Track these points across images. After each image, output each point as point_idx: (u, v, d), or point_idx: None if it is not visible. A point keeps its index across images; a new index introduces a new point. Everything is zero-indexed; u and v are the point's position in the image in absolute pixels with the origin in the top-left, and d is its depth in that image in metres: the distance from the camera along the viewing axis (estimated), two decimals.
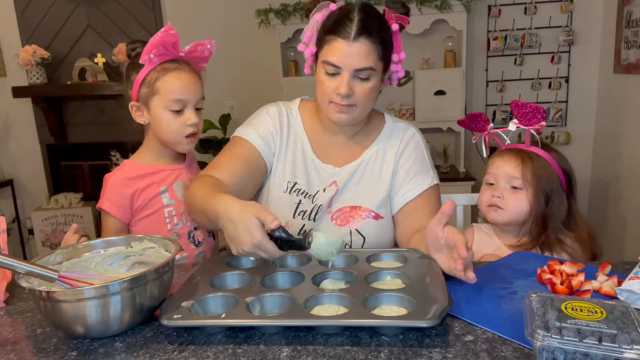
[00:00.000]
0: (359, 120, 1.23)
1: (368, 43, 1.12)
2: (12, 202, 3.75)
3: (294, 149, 1.29)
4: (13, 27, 3.57)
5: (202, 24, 3.46)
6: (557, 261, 0.98)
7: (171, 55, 1.26)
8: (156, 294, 0.86)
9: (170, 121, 1.26)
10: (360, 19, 1.12)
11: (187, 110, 1.26)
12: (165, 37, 1.22)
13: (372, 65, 1.14)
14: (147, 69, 1.25)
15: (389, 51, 1.19)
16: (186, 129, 1.27)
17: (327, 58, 1.14)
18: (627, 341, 0.62)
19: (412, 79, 3.36)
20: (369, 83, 1.16)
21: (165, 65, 1.25)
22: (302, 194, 1.27)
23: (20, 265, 0.82)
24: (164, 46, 1.23)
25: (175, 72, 1.25)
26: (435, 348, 0.74)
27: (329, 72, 1.15)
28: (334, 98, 1.16)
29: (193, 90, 1.27)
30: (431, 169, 1.30)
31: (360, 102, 1.17)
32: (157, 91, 1.25)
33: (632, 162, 2.80)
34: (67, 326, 0.82)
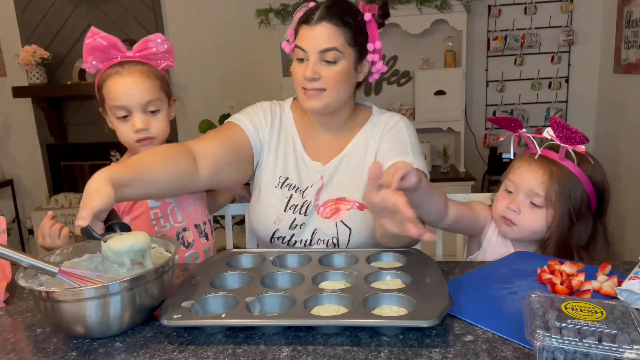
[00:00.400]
0: (332, 107, 1.23)
1: (330, 25, 1.16)
2: (12, 202, 3.76)
3: (285, 145, 1.31)
4: (13, 27, 3.57)
5: (202, 24, 3.46)
6: (557, 261, 0.98)
7: (118, 58, 1.22)
8: (156, 294, 0.86)
9: (120, 128, 1.24)
10: (324, 7, 1.17)
11: (133, 115, 1.22)
12: (93, 43, 1.18)
13: (337, 46, 1.16)
14: (97, 75, 1.23)
15: (361, 39, 1.20)
16: (134, 135, 1.23)
17: (296, 43, 1.20)
18: (627, 341, 0.62)
19: (412, 79, 3.37)
20: (336, 66, 1.17)
21: (107, 70, 1.22)
22: (293, 188, 1.28)
23: (22, 258, 0.83)
24: (99, 51, 1.20)
25: (114, 77, 1.21)
26: (435, 348, 0.74)
27: (298, 58, 1.20)
28: (303, 83, 1.20)
29: (135, 93, 1.21)
30: (412, 153, 1.21)
31: (329, 86, 1.18)
32: (103, 97, 1.24)
33: (632, 162, 2.80)
34: (67, 326, 0.82)
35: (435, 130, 3.27)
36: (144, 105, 1.23)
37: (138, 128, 1.22)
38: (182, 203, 1.31)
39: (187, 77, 3.55)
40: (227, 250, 1.16)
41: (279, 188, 1.28)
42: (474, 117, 3.39)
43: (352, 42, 1.18)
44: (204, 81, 3.51)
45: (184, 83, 3.57)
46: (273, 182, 1.29)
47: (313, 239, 1.25)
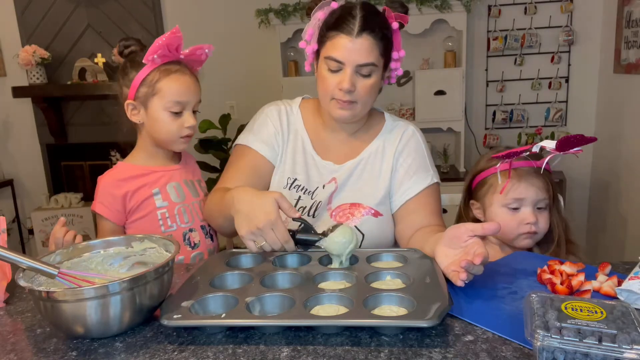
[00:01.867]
0: (360, 117, 1.24)
1: (370, 39, 1.14)
2: (12, 202, 3.76)
3: (294, 145, 1.31)
4: (13, 27, 3.57)
5: (202, 24, 3.46)
6: (557, 261, 0.98)
7: (172, 57, 1.27)
8: (156, 294, 0.86)
9: (168, 122, 1.26)
10: (362, 16, 1.14)
11: (185, 112, 1.27)
12: (172, 39, 1.23)
13: (374, 61, 1.15)
14: (149, 69, 1.25)
15: (390, 49, 1.21)
16: (184, 131, 1.28)
17: (330, 54, 1.16)
18: (627, 341, 0.62)
19: (412, 79, 3.37)
20: (370, 79, 1.17)
21: (167, 66, 1.25)
22: (302, 189, 1.28)
23: (21, 260, 0.83)
24: (168, 48, 1.24)
25: (178, 75, 1.26)
26: (435, 348, 0.74)
27: (332, 69, 1.17)
28: (336, 94, 1.17)
29: (193, 93, 1.28)
30: (431, 167, 1.30)
31: (362, 99, 1.18)
32: (158, 92, 1.25)
33: (632, 162, 2.80)
34: (67, 326, 0.82)
35: (435, 130, 3.27)
36: (195, 105, 1.30)
37: (191, 124, 1.28)
38: (188, 204, 1.33)
39: None
40: (227, 250, 1.16)
41: (287, 189, 1.28)
42: (474, 117, 3.39)
43: (384, 54, 1.18)
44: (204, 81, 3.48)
45: None
46: (282, 183, 1.29)
47: None
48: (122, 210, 1.27)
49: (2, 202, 3.77)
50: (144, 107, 1.27)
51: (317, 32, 1.21)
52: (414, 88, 3.26)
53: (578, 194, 3.32)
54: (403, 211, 1.26)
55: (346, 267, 1.00)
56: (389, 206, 1.28)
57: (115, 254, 1.00)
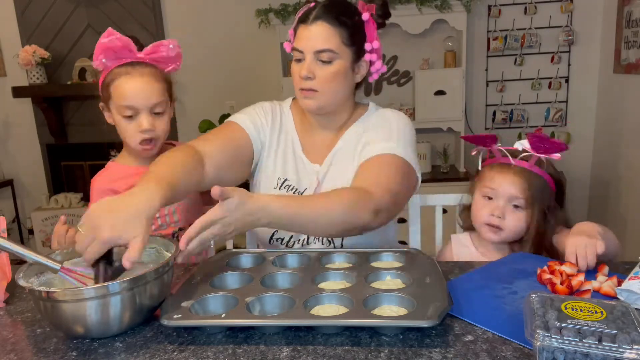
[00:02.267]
0: (329, 107, 1.22)
1: (326, 25, 1.16)
2: (12, 202, 3.76)
3: (285, 146, 1.31)
4: (13, 27, 3.57)
5: (202, 24, 3.46)
6: (557, 261, 0.98)
7: (127, 59, 1.23)
8: (156, 294, 0.86)
9: (124, 126, 1.25)
10: (321, 6, 1.17)
11: (140, 115, 1.24)
12: (109, 42, 1.20)
13: (331, 47, 1.16)
14: (105, 72, 1.24)
15: (358, 39, 1.20)
16: (139, 135, 1.24)
17: (293, 45, 1.20)
18: (627, 341, 0.62)
19: (412, 79, 3.37)
20: (331, 66, 1.17)
21: (117, 69, 1.23)
22: (292, 189, 1.27)
23: (26, 253, 0.84)
24: (112, 50, 1.21)
25: (125, 78, 1.22)
26: (435, 348, 0.74)
27: (296, 58, 1.20)
28: (300, 83, 1.20)
29: (144, 95, 1.23)
30: (396, 140, 1.19)
31: (324, 86, 1.18)
32: (111, 95, 1.24)
33: (632, 162, 2.80)
34: (67, 326, 0.82)
35: (435, 130, 3.27)
36: (151, 107, 1.25)
37: (145, 128, 1.24)
38: (179, 204, 1.31)
39: (187, 77, 3.54)
40: (227, 250, 1.16)
41: (278, 189, 1.28)
42: (474, 117, 3.39)
43: (348, 42, 1.18)
44: (204, 81, 3.51)
45: (184, 83, 3.57)
46: (272, 184, 1.29)
47: (310, 238, 1.25)
48: None
49: (2, 202, 3.77)
50: (109, 110, 1.28)
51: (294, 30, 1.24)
52: (414, 88, 3.26)
53: (578, 194, 3.32)
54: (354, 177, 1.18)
55: (346, 267, 0.99)
56: None
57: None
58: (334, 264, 1.03)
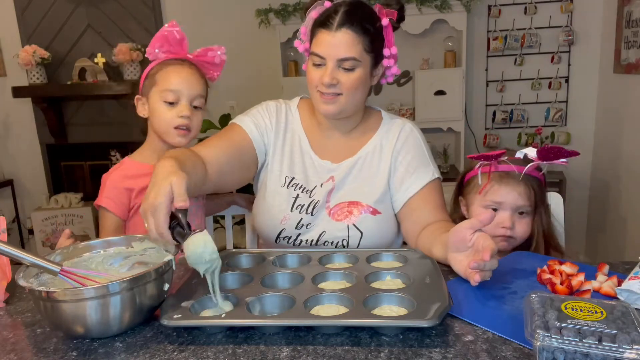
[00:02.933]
0: (347, 112, 1.24)
1: (350, 33, 1.15)
2: (12, 202, 3.76)
3: (292, 144, 1.31)
4: (13, 27, 3.57)
5: (202, 24, 3.46)
6: (557, 261, 0.98)
7: (177, 55, 1.29)
8: (156, 294, 0.86)
9: (163, 112, 1.28)
10: (344, 11, 1.16)
11: (180, 103, 1.28)
12: (169, 33, 1.25)
13: (356, 55, 1.16)
14: (154, 63, 1.30)
15: (378, 44, 1.20)
16: (176, 120, 1.27)
17: (313, 49, 1.19)
18: (627, 341, 0.62)
19: (412, 79, 3.37)
20: (353, 74, 1.17)
21: (168, 61, 1.29)
22: (300, 188, 1.28)
23: (25, 256, 0.83)
24: (168, 42, 1.26)
25: (176, 67, 1.29)
26: (435, 348, 0.74)
27: (316, 63, 1.19)
28: (320, 88, 1.19)
29: (189, 84, 1.28)
30: (431, 162, 1.30)
31: (346, 92, 1.18)
32: (155, 82, 1.29)
33: (632, 162, 2.80)
34: (67, 326, 0.82)
35: (435, 130, 3.27)
36: (192, 98, 1.29)
37: (185, 114, 1.27)
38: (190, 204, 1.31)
39: None
40: (227, 250, 1.16)
41: (285, 188, 1.28)
42: (474, 117, 3.39)
43: (369, 49, 1.18)
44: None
45: None
46: (279, 182, 1.29)
47: (320, 239, 1.25)
48: (127, 205, 1.28)
49: (2, 202, 3.77)
50: (147, 100, 1.31)
51: (309, 31, 1.23)
52: (414, 88, 3.27)
53: (578, 194, 3.33)
54: (406, 209, 1.26)
55: (346, 267, 1.00)
56: (389, 204, 1.27)
57: (115, 254, 1.00)
58: (334, 264, 1.03)
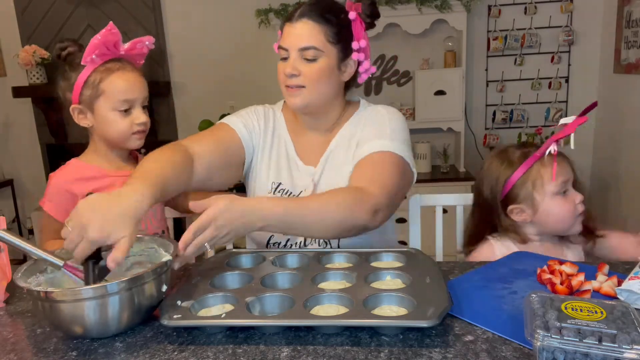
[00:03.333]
0: (314, 105, 1.22)
1: (310, 22, 1.16)
2: (12, 202, 3.76)
3: (278, 150, 1.30)
4: (13, 27, 3.57)
5: (202, 24, 3.46)
6: (557, 261, 0.98)
7: (112, 55, 1.23)
8: (154, 294, 0.86)
9: (118, 122, 1.24)
10: (306, 4, 1.17)
11: (134, 109, 1.25)
12: (107, 36, 1.19)
13: (316, 45, 1.16)
14: (89, 70, 1.21)
15: (344, 37, 1.19)
16: (134, 127, 1.25)
17: (279, 44, 1.21)
18: (627, 341, 0.62)
19: (412, 79, 3.37)
20: (316, 64, 1.17)
21: (107, 65, 1.22)
22: (287, 193, 1.27)
23: (31, 249, 0.85)
24: (105, 46, 1.20)
25: (120, 72, 1.22)
26: (435, 348, 0.74)
27: (282, 57, 1.21)
28: (285, 81, 1.20)
29: (139, 89, 1.25)
30: (390, 137, 1.18)
31: (309, 83, 1.18)
32: (102, 92, 1.22)
33: (632, 162, 2.80)
34: (66, 326, 0.82)
35: (435, 130, 3.27)
36: (143, 101, 1.27)
37: (142, 121, 1.25)
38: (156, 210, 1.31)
39: (187, 76, 3.55)
40: (227, 250, 1.16)
41: (272, 194, 1.27)
42: (474, 117, 3.39)
43: (334, 40, 1.17)
44: (204, 81, 3.51)
45: (184, 83, 3.57)
46: (266, 188, 1.28)
47: (307, 241, 1.24)
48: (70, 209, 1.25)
49: (2, 202, 3.77)
50: (90, 110, 1.25)
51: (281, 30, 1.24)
52: (414, 88, 3.27)
53: None
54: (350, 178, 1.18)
55: (346, 267, 0.99)
56: None
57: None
58: (334, 264, 1.03)
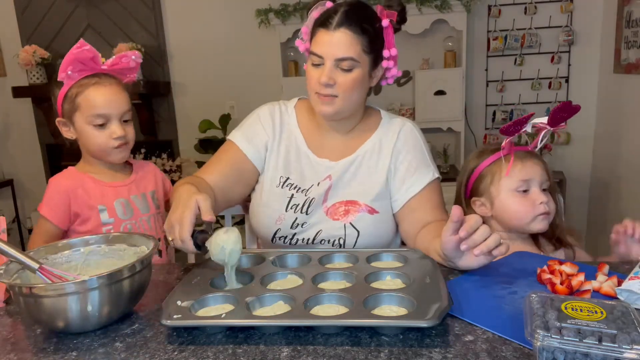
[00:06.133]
0: (344, 113, 1.23)
1: (349, 33, 1.15)
2: (12, 202, 3.76)
3: (288, 145, 1.31)
4: (13, 27, 3.58)
5: (202, 24, 3.47)
6: (557, 261, 0.98)
7: (91, 70, 1.25)
8: (134, 289, 0.87)
9: (95, 136, 1.26)
10: (343, 11, 1.16)
11: (111, 123, 1.26)
12: (79, 53, 1.21)
13: (354, 56, 1.16)
14: (67, 85, 1.24)
15: (377, 45, 1.20)
16: (112, 142, 1.26)
17: (312, 49, 1.19)
18: (627, 341, 0.62)
19: (412, 79, 3.37)
20: (351, 74, 1.17)
21: (84, 80, 1.25)
22: (294, 188, 1.28)
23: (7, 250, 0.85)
24: (80, 62, 1.22)
25: (95, 87, 1.24)
26: (435, 348, 0.74)
27: (314, 63, 1.19)
28: (317, 88, 1.19)
29: (115, 104, 1.26)
30: (431, 163, 1.30)
31: (343, 93, 1.18)
32: (78, 107, 1.24)
33: (632, 162, 2.80)
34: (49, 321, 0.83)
35: (435, 130, 3.27)
36: (121, 115, 1.27)
37: (119, 136, 1.26)
38: (135, 220, 1.32)
39: (187, 77, 3.55)
40: None
41: (280, 188, 1.28)
42: (474, 117, 3.39)
43: (368, 50, 1.17)
44: (204, 81, 3.51)
45: (184, 83, 3.57)
46: (274, 182, 1.29)
47: (317, 238, 1.25)
48: (67, 215, 1.27)
49: (2, 202, 3.77)
50: (72, 124, 1.28)
51: (310, 31, 1.23)
52: (414, 88, 3.27)
53: (578, 194, 3.32)
54: (406, 209, 1.26)
55: (346, 267, 0.99)
56: (387, 204, 1.27)
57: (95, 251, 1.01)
58: (333, 264, 1.03)
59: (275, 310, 0.84)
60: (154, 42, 3.50)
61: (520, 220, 1.20)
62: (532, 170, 1.19)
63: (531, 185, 1.19)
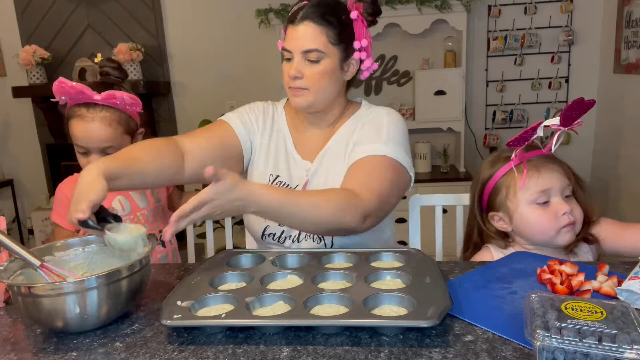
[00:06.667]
0: (318, 105, 1.23)
1: (313, 25, 1.17)
2: (12, 202, 3.76)
3: (277, 144, 1.32)
4: (13, 27, 3.58)
5: (202, 24, 3.47)
6: (557, 261, 0.98)
7: (82, 100, 1.26)
8: (133, 289, 0.87)
9: (79, 158, 1.32)
10: (308, 6, 1.18)
11: (91, 155, 1.29)
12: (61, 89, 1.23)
13: (319, 47, 1.17)
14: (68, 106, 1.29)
15: (346, 37, 1.20)
16: None
17: (283, 45, 1.22)
18: (627, 341, 0.62)
19: (412, 79, 3.37)
20: (318, 66, 1.18)
21: (74, 108, 1.27)
22: (284, 185, 1.29)
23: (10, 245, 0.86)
24: (67, 94, 1.25)
25: (77, 120, 1.27)
26: (435, 348, 0.74)
27: (286, 58, 1.22)
28: (289, 82, 1.21)
29: (94, 140, 1.28)
30: (385, 141, 1.17)
31: (312, 85, 1.19)
32: (69, 128, 1.30)
33: (632, 162, 2.80)
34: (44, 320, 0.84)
35: (435, 130, 3.27)
36: (102, 149, 1.29)
37: None
38: (134, 215, 1.34)
39: (187, 77, 3.55)
40: (227, 250, 1.16)
41: (271, 184, 1.29)
42: (474, 117, 3.40)
43: (335, 41, 1.18)
44: (204, 81, 3.51)
45: (184, 83, 3.57)
46: (264, 180, 1.30)
47: (301, 235, 1.25)
48: None
49: (2, 202, 3.77)
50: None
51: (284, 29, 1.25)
52: (414, 88, 3.27)
53: None
54: None
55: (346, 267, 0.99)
56: None
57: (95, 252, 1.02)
58: (334, 264, 1.03)
59: (275, 310, 0.84)
60: (154, 42, 3.50)
61: (543, 235, 1.11)
62: (550, 178, 1.09)
63: (551, 194, 1.09)
